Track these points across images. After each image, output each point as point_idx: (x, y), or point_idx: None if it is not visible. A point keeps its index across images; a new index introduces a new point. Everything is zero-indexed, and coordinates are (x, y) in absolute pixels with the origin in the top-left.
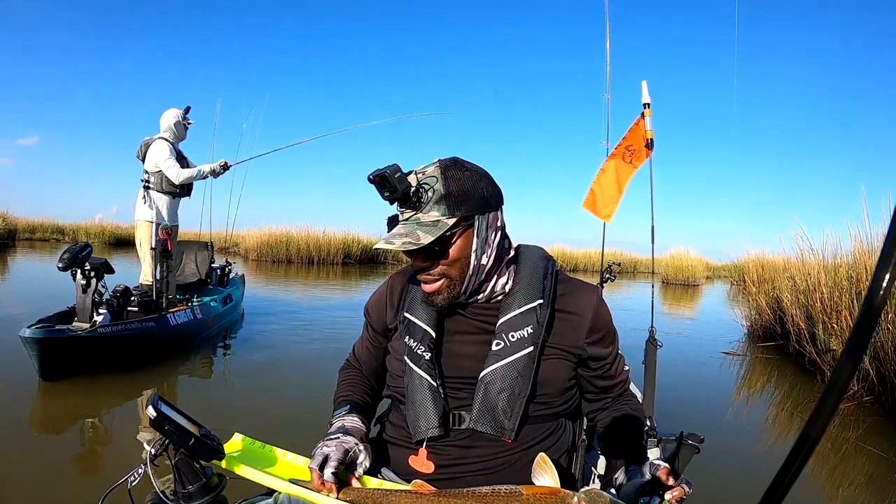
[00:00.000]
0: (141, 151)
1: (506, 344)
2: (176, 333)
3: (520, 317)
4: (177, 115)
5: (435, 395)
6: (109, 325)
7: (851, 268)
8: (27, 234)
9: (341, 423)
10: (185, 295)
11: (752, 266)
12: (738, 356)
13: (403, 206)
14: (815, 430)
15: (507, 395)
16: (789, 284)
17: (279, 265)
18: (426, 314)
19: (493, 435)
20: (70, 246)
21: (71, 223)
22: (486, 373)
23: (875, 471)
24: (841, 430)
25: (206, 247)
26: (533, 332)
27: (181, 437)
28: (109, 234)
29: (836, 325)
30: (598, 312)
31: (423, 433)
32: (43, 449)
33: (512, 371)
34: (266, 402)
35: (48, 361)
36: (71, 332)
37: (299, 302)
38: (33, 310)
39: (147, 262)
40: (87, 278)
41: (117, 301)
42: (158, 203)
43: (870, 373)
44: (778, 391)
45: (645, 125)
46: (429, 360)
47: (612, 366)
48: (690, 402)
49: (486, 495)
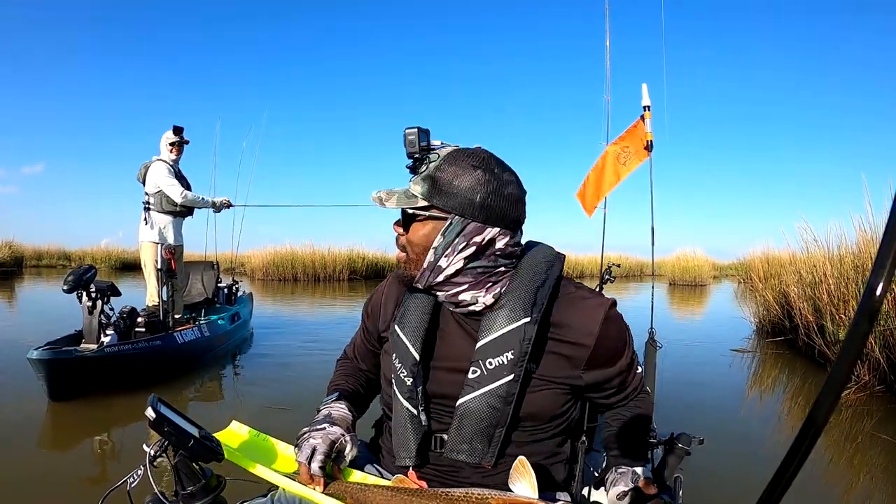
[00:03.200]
0: (141, 174)
1: (482, 372)
2: (183, 352)
3: (500, 340)
4: (168, 136)
5: (415, 423)
6: (116, 344)
7: (857, 257)
8: (34, 261)
9: (328, 411)
10: (192, 314)
11: (758, 262)
12: (748, 353)
13: (412, 168)
14: (820, 416)
15: (485, 426)
16: (795, 278)
17: (286, 283)
18: (414, 330)
19: (471, 462)
20: (74, 269)
21: (77, 249)
22: (461, 402)
23: (890, 460)
24: (855, 420)
25: (211, 266)
26: (514, 357)
27: (180, 439)
28: (116, 259)
29: (843, 316)
30: (604, 335)
31: (402, 461)
32: (50, 464)
33: (488, 401)
34: (276, 420)
35: (56, 382)
36: (78, 353)
37: (307, 319)
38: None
39: (152, 282)
40: (93, 300)
41: (124, 322)
42: (160, 223)
43: (880, 362)
44: (790, 385)
45: (645, 128)
46: (410, 386)
47: (622, 381)
48: (700, 400)
49: (458, 499)
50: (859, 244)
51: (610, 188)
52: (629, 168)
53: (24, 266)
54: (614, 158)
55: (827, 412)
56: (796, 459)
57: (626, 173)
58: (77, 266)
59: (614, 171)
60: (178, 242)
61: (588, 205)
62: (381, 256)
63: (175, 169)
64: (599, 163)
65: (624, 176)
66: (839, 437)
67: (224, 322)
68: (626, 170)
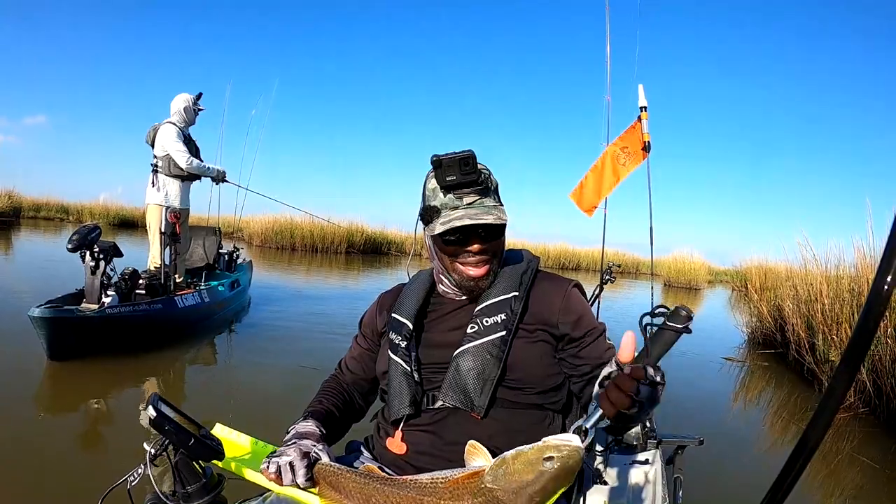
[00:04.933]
0: (150, 136)
1: (479, 327)
2: (183, 316)
3: (494, 305)
4: (187, 99)
5: (408, 378)
6: (117, 306)
7: (854, 280)
8: (32, 212)
9: (295, 431)
10: (192, 279)
11: (755, 273)
12: (739, 362)
13: (469, 190)
14: (813, 437)
15: (477, 372)
16: (791, 293)
17: (283, 252)
18: (409, 312)
19: (461, 409)
20: (79, 227)
21: (75, 202)
22: (458, 352)
23: (867, 482)
24: (836, 440)
25: (214, 232)
26: (506, 318)
27: (181, 438)
28: (114, 215)
29: (835, 337)
30: (570, 296)
31: (396, 413)
32: (49, 431)
33: (482, 351)
34: (270, 391)
35: (56, 341)
36: (79, 313)
37: (305, 289)
38: (40, 289)
39: (156, 245)
40: (96, 260)
41: (125, 284)
42: (168, 187)
43: (867, 385)
44: (776, 398)
45: (642, 128)
46: (405, 347)
47: (590, 345)
48: (691, 405)
49: (425, 485)
50: (857, 266)
51: (610, 189)
52: (628, 169)
53: (21, 217)
54: (613, 159)
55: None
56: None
57: (626, 174)
58: (76, 222)
59: (613, 172)
60: (185, 206)
61: (587, 205)
62: (378, 232)
63: (185, 133)
64: (598, 163)
65: (623, 176)
66: (818, 455)
67: (224, 289)
68: (625, 170)
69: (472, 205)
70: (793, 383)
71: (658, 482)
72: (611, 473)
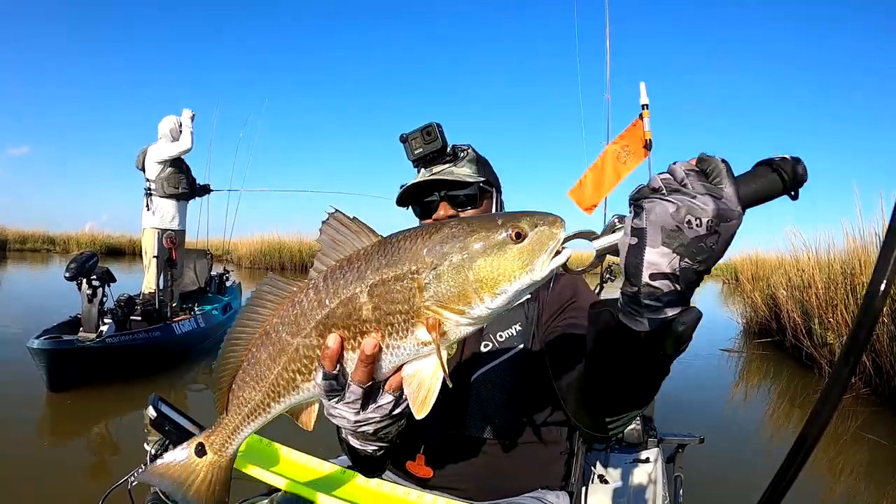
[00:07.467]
0: (140, 160)
1: (493, 345)
2: (181, 342)
3: (504, 314)
4: (174, 121)
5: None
6: (116, 335)
7: (846, 263)
8: (18, 244)
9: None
10: (184, 303)
11: (746, 264)
12: (737, 353)
13: (436, 162)
14: (812, 432)
15: (500, 396)
16: (784, 281)
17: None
18: None
19: (488, 439)
20: (77, 255)
21: (61, 233)
22: (477, 376)
23: (875, 458)
24: (840, 421)
25: (204, 255)
26: (522, 329)
27: (181, 437)
28: (101, 244)
29: (832, 319)
30: (576, 279)
31: (416, 442)
32: (50, 458)
33: (503, 374)
34: None
35: (57, 372)
36: (79, 343)
37: None
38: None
39: (151, 270)
40: (94, 288)
41: (121, 310)
42: (164, 208)
43: (866, 365)
44: (776, 387)
45: (643, 126)
46: None
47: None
48: (692, 399)
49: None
50: (848, 249)
51: (611, 187)
52: (629, 167)
53: (7, 249)
54: (614, 157)
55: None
56: (800, 455)
57: (627, 172)
58: (63, 252)
59: (614, 170)
60: (182, 227)
61: (587, 202)
62: None
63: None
64: (599, 162)
65: (624, 175)
66: (825, 435)
67: (217, 313)
68: (626, 169)
69: (440, 174)
70: (792, 370)
71: (659, 481)
72: (612, 472)
